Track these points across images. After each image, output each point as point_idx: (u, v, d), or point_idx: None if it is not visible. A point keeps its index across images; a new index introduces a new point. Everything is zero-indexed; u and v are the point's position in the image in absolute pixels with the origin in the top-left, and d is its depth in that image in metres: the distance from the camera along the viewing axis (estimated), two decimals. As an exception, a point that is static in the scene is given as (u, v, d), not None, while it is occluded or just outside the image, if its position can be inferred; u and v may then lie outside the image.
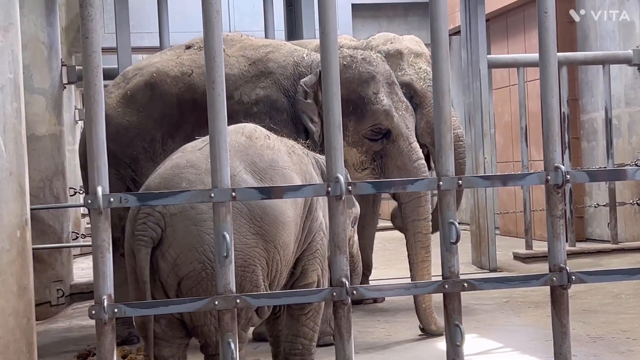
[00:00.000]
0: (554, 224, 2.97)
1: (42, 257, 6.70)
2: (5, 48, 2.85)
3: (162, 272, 3.11)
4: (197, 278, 3.08)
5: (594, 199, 9.14)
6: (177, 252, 3.08)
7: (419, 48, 6.21)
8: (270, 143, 3.45)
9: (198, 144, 3.38)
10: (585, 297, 5.82)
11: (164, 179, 3.18)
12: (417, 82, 5.94)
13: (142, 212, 3.11)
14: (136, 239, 3.08)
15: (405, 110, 4.98)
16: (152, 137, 4.95)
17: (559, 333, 2.99)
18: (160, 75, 5.09)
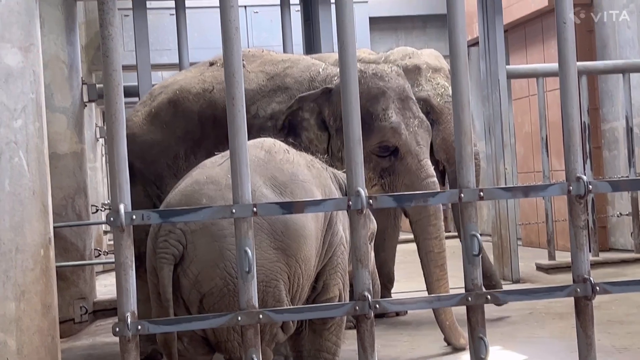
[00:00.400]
0: (577, 234, 2.95)
1: (65, 274, 6.73)
2: (26, 68, 2.88)
3: (183, 289, 3.11)
4: (219, 294, 3.09)
5: (617, 209, 9.08)
6: (198, 268, 3.08)
7: (438, 63, 6.19)
8: (289, 157, 3.45)
9: (217, 159, 3.38)
10: (610, 308, 5.77)
11: (185, 196, 3.19)
12: (434, 98, 5.94)
13: (163, 230, 3.12)
14: (158, 256, 3.09)
15: (419, 126, 4.90)
16: (175, 154, 4.98)
17: (584, 344, 2.97)
18: (183, 92, 5.13)
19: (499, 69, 7.74)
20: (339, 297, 3.54)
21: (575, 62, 3.01)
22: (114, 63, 2.80)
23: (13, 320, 2.75)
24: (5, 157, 2.78)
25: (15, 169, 2.80)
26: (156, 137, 5.03)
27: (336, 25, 2.88)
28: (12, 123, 2.80)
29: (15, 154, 2.80)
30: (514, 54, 10.81)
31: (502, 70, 7.77)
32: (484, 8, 7.81)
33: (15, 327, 2.76)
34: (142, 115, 5.18)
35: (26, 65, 2.87)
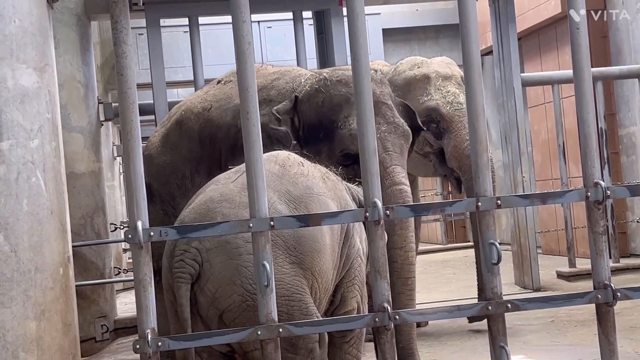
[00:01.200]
0: (597, 240, 2.93)
1: (85, 293, 6.76)
2: (42, 89, 2.90)
3: (201, 307, 3.11)
4: (238, 310, 3.08)
5: (636, 214, 9.02)
6: (215, 286, 3.08)
7: (449, 70, 6.15)
8: (304, 170, 3.44)
9: (231, 175, 3.38)
10: (632, 314, 5.73)
11: (199, 214, 3.18)
12: (443, 107, 5.90)
13: (178, 249, 3.11)
14: (175, 276, 3.09)
15: (392, 132, 4.65)
16: (182, 174, 4.99)
17: (607, 351, 2.95)
18: (187, 112, 5.18)
19: (513, 77, 7.73)
20: (357, 309, 3.53)
21: (590, 67, 3.00)
22: (129, 81, 2.81)
23: (34, 340, 2.76)
24: (23, 177, 2.79)
25: (33, 188, 2.82)
26: (167, 158, 5.06)
27: (349, 38, 2.88)
28: (29, 143, 2.82)
29: (32, 174, 2.81)
30: (528, 62, 10.79)
31: (517, 78, 7.76)
32: (497, 16, 7.81)
33: (36, 346, 2.77)
34: (158, 137, 5.22)
35: (41, 86, 2.89)
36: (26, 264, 2.77)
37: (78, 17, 6.98)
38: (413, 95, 5.94)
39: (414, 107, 5.61)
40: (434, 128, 5.91)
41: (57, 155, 2.95)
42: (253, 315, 3.05)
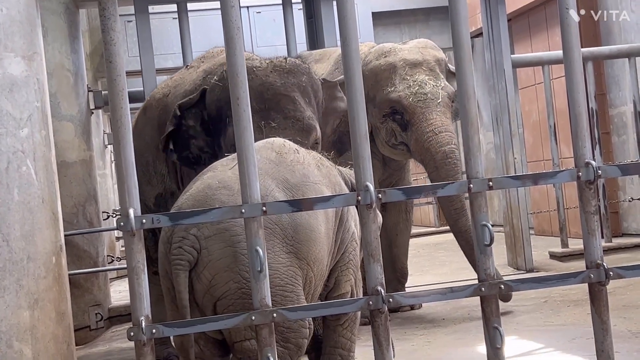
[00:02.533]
0: (588, 220, 2.94)
1: (79, 282, 6.76)
2: (30, 77, 2.88)
3: (197, 294, 3.12)
4: (233, 297, 3.08)
5: (628, 193, 9.05)
6: (212, 273, 3.09)
7: (419, 56, 5.79)
8: (299, 157, 3.44)
9: (229, 162, 3.38)
10: (624, 293, 5.76)
11: (197, 201, 3.18)
12: (405, 98, 5.61)
13: (176, 236, 3.12)
14: (173, 263, 3.09)
15: (286, 127, 4.33)
16: (146, 161, 4.95)
17: (600, 330, 2.96)
18: (151, 98, 5.16)
19: (504, 59, 7.73)
20: (350, 293, 3.54)
21: (580, 47, 3.00)
22: (118, 68, 2.81)
23: (28, 329, 2.76)
24: (13, 167, 2.79)
25: (23, 177, 2.81)
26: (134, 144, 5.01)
27: (338, 22, 2.88)
28: (19, 132, 2.81)
29: (22, 163, 2.80)
30: (518, 43, 10.78)
31: (507, 60, 7.76)
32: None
33: (30, 335, 2.77)
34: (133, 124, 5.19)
35: (30, 74, 2.88)
36: (18, 253, 2.76)
37: (66, 5, 6.95)
38: (379, 86, 5.72)
39: (380, 99, 5.65)
40: (399, 120, 5.69)
41: (47, 144, 2.94)
42: (248, 304, 3.06)
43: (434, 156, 5.55)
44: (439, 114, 5.61)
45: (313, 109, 4.51)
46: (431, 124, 5.57)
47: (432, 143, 5.54)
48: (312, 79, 4.58)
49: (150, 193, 4.97)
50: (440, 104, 5.64)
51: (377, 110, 5.74)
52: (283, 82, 4.42)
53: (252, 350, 3.14)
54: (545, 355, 4.44)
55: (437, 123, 5.58)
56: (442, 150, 5.53)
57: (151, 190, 4.98)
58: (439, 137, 5.55)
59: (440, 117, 5.60)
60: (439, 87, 5.68)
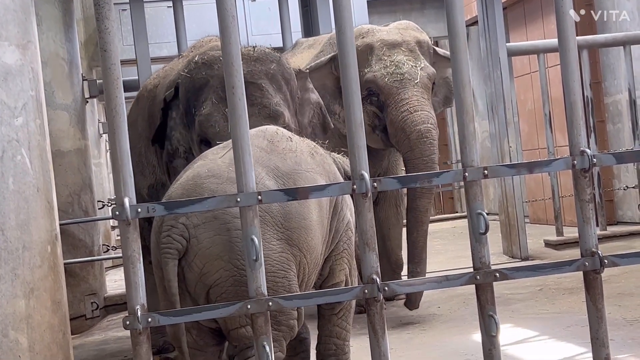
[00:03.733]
0: (583, 208, 2.95)
1: (74, 271, 6.76)
2: (25, 66, 2.87)
3: (189, 282, 3.11)
4: (225, 285, 3.08)
5: (623, 182, 9.06)
6: (203, 262, 3.08)
7: (398, 37, 5.57)
8: (292, 145, 3.43)
9: (219, 150, 3.37)
10: (619, 281, 5.77)
11: (186, 190, 3.18)
12: (380, 79, 5.39)
13: (165, 225, 3.11)
14: (162, 252, 3.08)
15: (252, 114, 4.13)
16: (139, 151, 4.93)
17: (595, 318, 2.97)
18: (143, 89, 5.16)
19: (499, 47, 7.72)
20: (345, 282, 3.54)
21: (575, 36, 3.00)
22: (112, 57, 2.80)
23: (23, 318, 2.76)
24: (8, 156, 2.78)
25: (18, 167, 2.80)
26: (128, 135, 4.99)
27: (333, 10, 2.88)
28: (13, 121, 2.80)
29: (17, 152, 2.80)
30: (513, 32, 10.77)
31: (503, 48, 7.75)
32: (481, -14, 7.79)
33: (26, 324, 2.77)
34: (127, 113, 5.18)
35: (24, 63, 2.87)
36: (13, 243, 2.76)
37: (60, -6, 6.93)
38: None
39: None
40: (376, 102, 5.45)
41: (42, 133, 2.94)
42: (240, 291, 3.06)
43: (408, 135, 5.30)
44: (415, 93, 5.34)
45: (284, 96, 4.44)
46: (406, 103, 5.31)
47: (407, 122, 5.28)
48: (282, 67, 4.52)
49: (143, 183, 4.97)
50: (418, 84, 5.36)
51: None
52: (250, 69, 4.34)
53: (247, 337, 3.14)
54: (540, 343, 4.46)
55: (412, 102, 5.32)
56: (417, 130, 5.27)
57: (144, 181, 4.97)
58: (414, 115, 5.28)
59: (416, 97, 5.33)
60: (417, 67, 5.42)
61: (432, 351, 4.51)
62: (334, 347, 3.57)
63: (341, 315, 3.55)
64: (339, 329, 3.56)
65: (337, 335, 3.57)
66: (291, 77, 4.57)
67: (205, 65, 4.46)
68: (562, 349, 4.19)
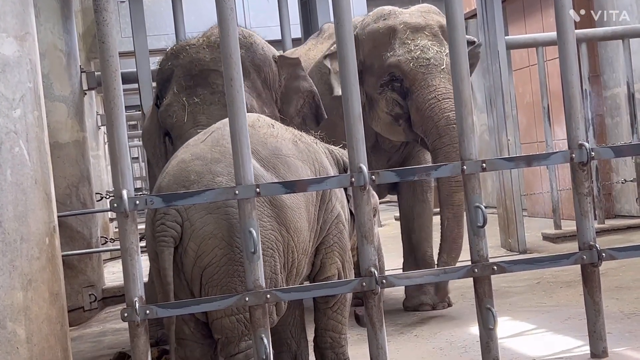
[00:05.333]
0: (581, 201, 2.95)
1: (72, 263, 6.75)
2: (23, 57, 2.87)
3: (186, 269, 3.09)
4: (219, 264, 3.05)
5: (621, 175, 9.06)
6: (197, 243, 3.06)
7: (421, 20, 5.31)
8: (273, 131, 3.42)
9: (200, 137, 3.37)
10: (617, 274, 5.78)
11: (173, 176, 3.17)
12: (405, 64, 5.11)
13: (158, 213, 3.09)
14: (158, 240, 3.06)
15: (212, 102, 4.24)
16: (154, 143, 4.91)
17: (592, 311, 2.98)
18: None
19: (498, 40, 7.71)
20: (338, 276, 3.52)
21: (574, 29, 3.00)
22: (111, 49, 2.80)
23: (21, 310, 2.76)
24: (6, 147, 2.78)
25: (16, 158, 2.80)
26: (147, 124, 5.01)
27: (332, 3, 2.88)
28: (11, 113, 2.80)
29: (15, 144, 2.80)
30: (512, 25, 10.76)
31: (502, 41, 7.74)
32: (480, -21, 7.77)
33: (24, 316, 2.77)
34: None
35: (22, 55, 2.87)
36: (11, 234, 2.76)
37: (58, -15, 6.91)
38: (377, 51, 5.23)
39: (379, 65, 5.18)
40: (398, 88, 5.18)
41: (40, 125, 2.93)
42: (233, 270, 3.04)
43: (436, 123, 5.00)
44: (442, 80, 5.06)
45: (251, 84, 4.34)
46: (434, 90, 5.04)
47: (435, 110, 5.00)
48: (253, 54, 4.42)
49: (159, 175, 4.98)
50: (444, 71, 5.06)
51: (375, 79, 5.24)
52: (213, 57, 4.26)
53: (230, 328, 3.10)
54: (538, 336, 4.46)
55: (440, 89, 5.04)
56: (445, 116, 4.98)
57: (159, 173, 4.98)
58: (442, 103, 5.02)
59: (444, 84, 5.04)
60: (442, 52, 5.13)
61: (429, 343, 4.51)
62: (330, 339, 3.58)
63: (336, 309, 3.55)
64: (335, 322, 3.56)
65: (333, 328, 3.57)
66: (264, 64, 4.46)
67: (172, 56, 4.43)
68: (559, 342, 4.19)
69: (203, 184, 3.08)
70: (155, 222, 3.08)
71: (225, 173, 3.11)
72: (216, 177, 3.10)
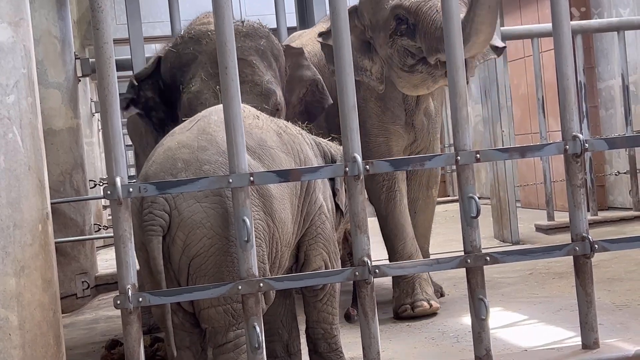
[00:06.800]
0: (575, 193, 2.96)
1: (65, 250, 6.75)
2: (17, 43, 2.86)
3: (173, 258, 3.07)
4: (207, 254, 3.04)
5: (615, 167, 9.09)
6: (185, 233, 3.04)
7: None
8: (259, 123, 3.41)
9: (186, 125, 3.35)
10: (609, 266, 5.80)
11: (160, 164, 3.15)
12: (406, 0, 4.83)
13: (146, 202, 3.07)
14: (146, 230, 3.03)
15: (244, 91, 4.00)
16: (141, 132, 4.86)
17: (584, 302, 2.99)
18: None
19: (497, 41, 7.69)
20: (325, 267, 3.51)
21: (569, 21, 3.00)
22: (105, 35, 2.79)
23: (14, 296, 2.76)
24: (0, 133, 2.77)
25: (10, 144, 2.80)
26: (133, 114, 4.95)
27: (328, -9, 2.87)
28: (5, 99, 2.79)
29: (9, 130, 2.79)
30: (508, 15, 10.76)
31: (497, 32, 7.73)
32: (476, -31, 7.75)
33: (16, 302, 2.77)
34: None
35: (16, 40, 2.85)
36: (4, 221, 2.76)
37: (53, -29, 6.88)
38: (380, 6, 4.95)
39: (383, 17, 4.93)
40: (405, 30, 4.87)
41: (33, 111, 2.93)
42: (221, 260, 3.03)
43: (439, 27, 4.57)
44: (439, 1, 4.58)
45: (274, 73, 4.33)
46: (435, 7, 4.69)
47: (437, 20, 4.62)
48: (272, 43, 4.40)
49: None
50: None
51: (384, 34, 4.95)
52: (240, 45, 4.08)
53: (217, 319, 3.09)
54: (530, 327, 4.48)
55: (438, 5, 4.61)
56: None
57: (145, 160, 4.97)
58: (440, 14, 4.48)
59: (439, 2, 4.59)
60: None
61: (421, 333, 4.52)
62: (322, 331, 3.60)
63: (325, 301, 3.57)
64: (325, 314, 3.58)
65: (324, 320, 3.59)
66: (280, 54, 4.45)
67: (192, 40, 4.33)
68: (551, 333, 4.21)
69: (191, 172, 3.06)
70: (143, 210, 3.06)
71: (212, 161, 3.10)
72: (203, 165, 3.09)
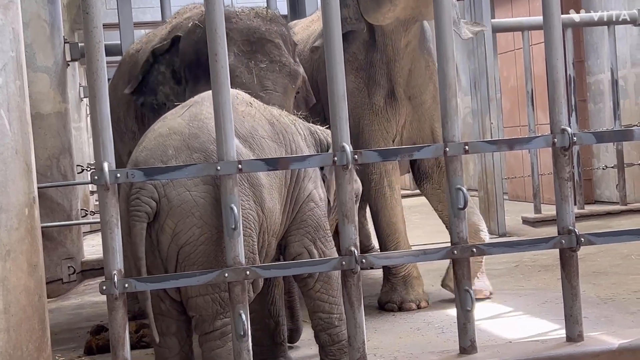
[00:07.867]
0: (562, 186, 2.97)
1: (52, 235, 6.73)
2: (5, 26, 2.84)
3: (162, 246, 3.06)
4: (196, 243, 3.04)
5: (602, 161, 9.12)
6: (174, 221, 3.03)
7: None
8: (251, 111, 3.39)
9: (177, 110, 3.33)
10: (594, 259, 5.82)
11: (150, 150, 3.13)
12: None
13: (134, 188, 3.06)
14: (131, 215, 3.02)
15: (274, 70, 4.28)
16: (117, 117, 4.88)
17: (569, 295, 3.00)
18: (126, 53, 5.12)
19: (484, 23, 7.70)
20: (308, 255, 3.46)
21: (560, 14, 3.00)
22: (95, 19, 2.78)
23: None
24: (-13, 117, 2.76)
25: (-3, 128, 2.78)
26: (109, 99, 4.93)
27: (319, -20, 2.86)
28: (-7, 82, 2.78)
29: (-4, 113, 2.78)
30: (499, 8, 10.76)
31: (488, 24, 7.73)
32: (468, -39, 7.75)
33: (2, 286, 2.76)
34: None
35: (5, 23, 2.83)
36: (-9, 204, 2.75)
37: (43, -46, 6.84)
38: None
39: None
40: None
41: (21, 95, 2.91)
42: (210, 249, 3.02)
43: None
44: None
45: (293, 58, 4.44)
46: None
47: None
48: (289, 32, 4.51)
49: (123, 150, 4.94)
50: None
51: None
52: (267, 28, 4.33)
53: (204, 307, 3.09)
54: (515, 319, 4.49)
55: None
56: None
57: (124, 147, 4.94)
58: None
59: None
60: None
61: (407, 324, 4.54)
62: (320, 321, 3.51)
63: (319, 289, 3.48)
64: (320, 302, 3.50)
65: (320, 309, 3.50)
66: (294, 43, 4.56)
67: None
68: (536, 325, 4.23)
69: (181, 159, 3.05)
70: (131, 195, 3.05)
71: (203, 149, 3.09)
72: (194, 153, 3.08)
